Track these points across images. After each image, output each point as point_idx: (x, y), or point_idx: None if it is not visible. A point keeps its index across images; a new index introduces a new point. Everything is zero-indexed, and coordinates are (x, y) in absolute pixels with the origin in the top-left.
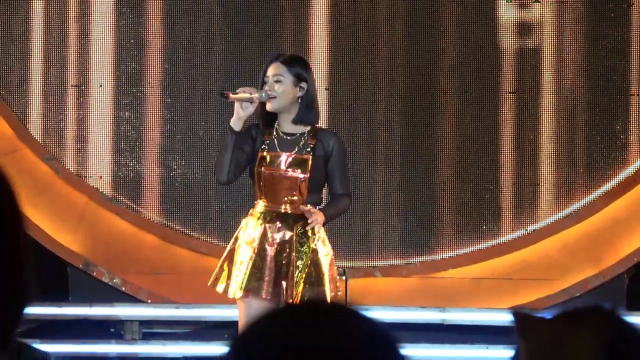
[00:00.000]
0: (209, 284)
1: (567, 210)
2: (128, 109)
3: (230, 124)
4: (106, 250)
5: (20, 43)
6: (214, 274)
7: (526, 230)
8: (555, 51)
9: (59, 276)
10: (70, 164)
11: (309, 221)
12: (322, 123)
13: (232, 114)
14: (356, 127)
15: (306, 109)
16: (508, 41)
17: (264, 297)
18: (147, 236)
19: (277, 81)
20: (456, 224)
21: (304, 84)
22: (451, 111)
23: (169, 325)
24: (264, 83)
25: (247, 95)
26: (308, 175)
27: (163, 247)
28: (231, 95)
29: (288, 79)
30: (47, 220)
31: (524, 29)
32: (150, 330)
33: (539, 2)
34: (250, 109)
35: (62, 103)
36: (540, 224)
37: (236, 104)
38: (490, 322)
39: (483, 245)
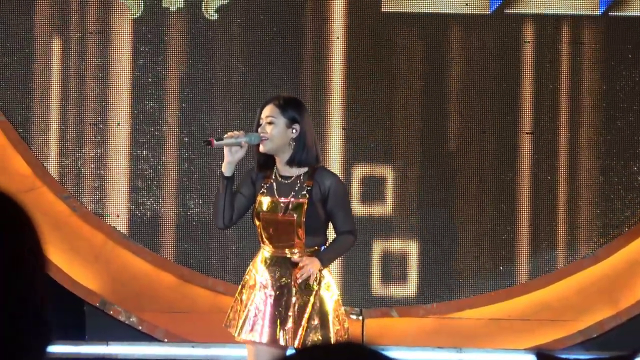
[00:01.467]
0: (223, 324)
1: (585, 252)
2: (145, 147)
3: (222, 169)
4: (123, 289)
5: (38, 82)
6: (227, 315)
7: (544, 271)
8: (572, 92)
9: (76, 314)
10: (88, 203)
11: (297, 275)
12: (340, 162)
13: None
14: (374, 168)
15: (301, 151)
16: (526, 82)
17: (260, 340)
18: (163, 275)
19: (270, 123)
20: (473, 265)
21: (297, 126)
22: (469, 152)
23: None
24: (258, 125)
25: (233, 140)
26: (304, 219)
27: (180, 286)
28: (215, 142)
29: (281, 120)
30: (64, 259)
31: (542, 70)
32: None
33: (558, 44)
34: (240, 153)
35: (80, 141)
36: (558, 265)
37: (225, 149)
38: None
39: (500, 286)
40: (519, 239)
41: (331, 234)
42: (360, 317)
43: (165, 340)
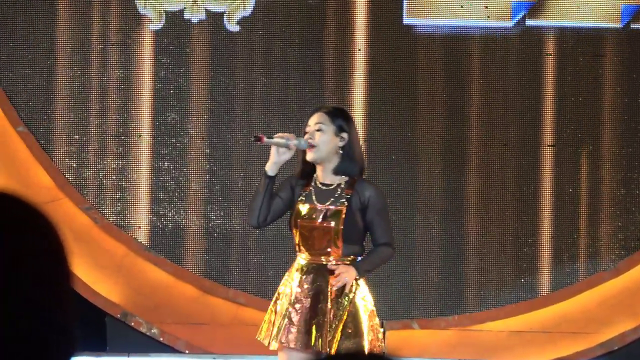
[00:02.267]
0: (256, 336)
1: (606, 264)
2: (167, 159)
3: (266, 167)
4: (144, 301)
5: (60, 93)
6: (260, 327)
7: (565, 283)
8: (594, 105)
9: (97, 326)
10: (109, 214)
11: (333, 282)
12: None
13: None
14: (396, 181)
15: (348, 161)
16: (548, 94)
17: (294, 347)
18: (185, 287)
19: (319, 130)
20: (495, 277)
21: (345, 135)
22: (491, 164)
23: None
24: (305, 133)
25: (283, 140)
26: (342, 226)
27: (201, 298)
28: (265, 139)
29: (330, 128)
30: (85, 270)
31: (563, 82)
32: None
33: (580, 57)
34: (287, 155)
35: (102, 153)
36: (579, 278)
37: (272, 149)
38: None
39: (522, 298)
40: (540, 251)
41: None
42: (382, 329)
43: (187, 351)
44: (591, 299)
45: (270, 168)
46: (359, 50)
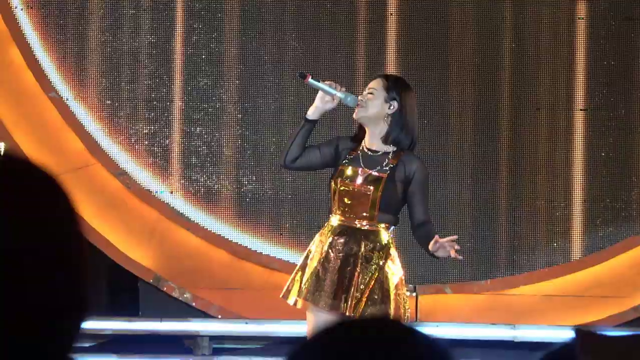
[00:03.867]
0: (280, 295)
1: (639, 228)
2: (199, 124)
3: (309, 110)
4: (177, 266)
5: (92, 58)
6: (286, 286)
7: (597, 247)
8: (626, 69)
9: (130, 291)
10: (141, 179)
11: (438, 253)
12: None
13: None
14: (428, 145)
15: (397, 129)
16: (580, 58)
17: (321, 307)
18: (217, 252)
19: (371, 93)
20: (528, 241)
21: (395, 103)
22: (523, 128)
23: (239, 341)
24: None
25: (328, 88)
26: (380, 193)
27: (234, 263)
28: (310, 78)
29: (381, 94)
30: (118, 236)
31: (595, 46)
32: (220, 345)
33: (611, 20)
34: (329, 105)
35: (133, 118)
36: (612, 242)
37: (319, 93)
38: (561, 340)
39: (554, 262)
40: (573, 215)
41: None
42: (414, 294)
43: (219, 316)
44: (624, 263)
45: (312, 111)
46: (391, 14)
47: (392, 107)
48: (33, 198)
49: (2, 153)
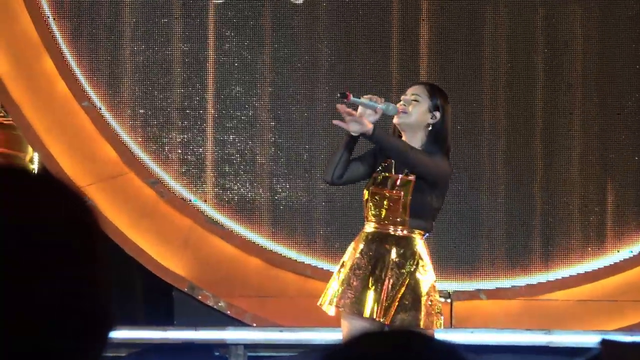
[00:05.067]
0: (318, 303)
1: None
2: (232, 132)
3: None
4: (211, 274)
5: (125, 67)
6: (322, 294)
7: (632, 251)
8: None
9: (165, 300)
10: (175, 188)
11: (341, 110)
12: None
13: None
14: (461, 151)
15: (434, 140)
16: (614, 61)
17: (349, 312)
18: (252, 259)
19: (415, 100)
20: (562, 246)
21: (437, 114)
22: (556, 130)
23: (274, 349)
24: (399, 101)
25: (370, 102)
26: (410, 197)
27: (268, 270)
28: (351, 97)
29: (426, 102)
30: (152, 244)
31: (629, 50)
32: (255, 353)
33: None
34: (372, 117)
35: (167, 127)
36: None
37: (360, 109)
38: (596, 345)
39: (589, 266)
40: (607, 219)
41: (439, 226)
42: (449, 300)
43: (254, 324)
44: None
45: (355, 128)
46: (423, 20)
47: (434, 117)
48: (55, 213)
49: (36, 163)
